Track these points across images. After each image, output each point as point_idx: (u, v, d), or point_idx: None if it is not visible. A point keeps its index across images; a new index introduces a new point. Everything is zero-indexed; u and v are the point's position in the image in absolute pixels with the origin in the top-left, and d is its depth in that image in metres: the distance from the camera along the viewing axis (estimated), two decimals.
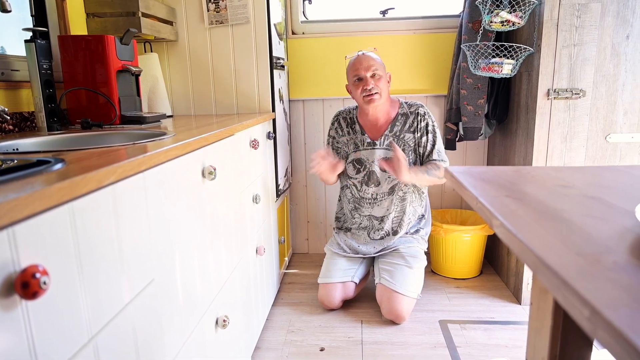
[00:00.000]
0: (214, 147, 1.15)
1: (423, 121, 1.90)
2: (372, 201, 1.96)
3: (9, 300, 0.45)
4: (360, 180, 1.96)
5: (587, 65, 1.71)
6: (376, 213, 1.98)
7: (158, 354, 0.81)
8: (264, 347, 1.72)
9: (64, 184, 0.54)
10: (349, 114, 2.01)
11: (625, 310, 0.34)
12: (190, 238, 0.98)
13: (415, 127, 1.90)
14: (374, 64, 1.83)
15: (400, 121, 1.91)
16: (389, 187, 1.93)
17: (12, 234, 0.46)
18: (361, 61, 1.84)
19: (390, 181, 1.92)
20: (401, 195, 1.94)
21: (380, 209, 1.96)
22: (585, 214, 0.60)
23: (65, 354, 0.55)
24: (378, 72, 1.83)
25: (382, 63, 1.89)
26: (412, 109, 1.92)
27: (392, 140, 1.91)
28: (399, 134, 1.91)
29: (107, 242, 0.64)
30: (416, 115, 1.91)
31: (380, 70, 1.84)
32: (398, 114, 1.92)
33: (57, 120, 1.36)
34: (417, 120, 1.90)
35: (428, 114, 1.91)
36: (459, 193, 0.80)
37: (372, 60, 1.84)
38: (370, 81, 1.82)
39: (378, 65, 1.84)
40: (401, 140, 1.92)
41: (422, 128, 1.90)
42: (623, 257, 0.45)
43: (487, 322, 1.85)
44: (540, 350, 0.81)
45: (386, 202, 1.95)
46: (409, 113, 1.91)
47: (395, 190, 1.93)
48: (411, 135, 1.91)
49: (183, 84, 2.05)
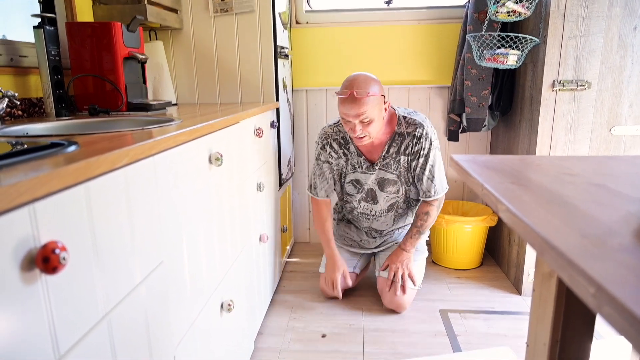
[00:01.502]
0: (220, 134, 1.16)
1: (418, 144, 1.74)
2: (370, 217, 1.95)
3: (30, 274, 0.47)
4: (359, 199, 1.92)
5: (593, 56, 1.71)
6: (375, 226, 1.98)
7: (167, 333, 0.83)
8: (267, 333, 1.74)
9: (79, 165, 0.55)
10: (340, 134, 1.84)
11: (630, 286, 0.35)
12: (197, 223, 0.99)
13: (410, 151, 1.76)
14: (364, 112, 1.60)
15: (397, 141, 1.76)
16: (388, 204, 1.89)
17: (32, 210, 0.47)
18: (351, 106, 1.60)
19: (389, 200, 1.88)
20: (400, 213, 1.94)
21: (379, 223, 1.96)
22: (590, 200, 0.61)
23: (82, 328, 0.56)
24: (369, 117, 1.62)
25: (378, 97, 1.63)
26: (409, 129, 1.74)
27: (389, 160, 1.79)
28: (394, 155, 1.78)
29: (120, 222, 0.66)
30: (412, 138, 1.74)
31: (372, 113, 1.62)
32: (395, 133, 1.76)
33: (65, 106, 1.36)
34: (412, 143, 1.75)
35: (425, 135, 1.73)
36: (464, 180, 0.82)
37: (362, 107, 1.59)
38: (359, 128, 1.64)
39: (370, 109, 1.60)
40: (396, 162, 1.79)
41: (415, 152, 1.76)
42: (628, 240, 0.46)
43: (487, 312, 1.87)
44: (541, 336, 0.82)
45: (384, 218, 1.94)
46: (406, 134, 1.75)
47: (394, 208, 1.91)
48: (406, 158, 1.78)
49: (187, 72, 2.05)
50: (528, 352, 0.88)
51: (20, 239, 0.46)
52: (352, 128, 1.66)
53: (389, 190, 1.85)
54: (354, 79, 1.64)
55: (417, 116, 1.78)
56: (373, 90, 1.62)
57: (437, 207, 1.84)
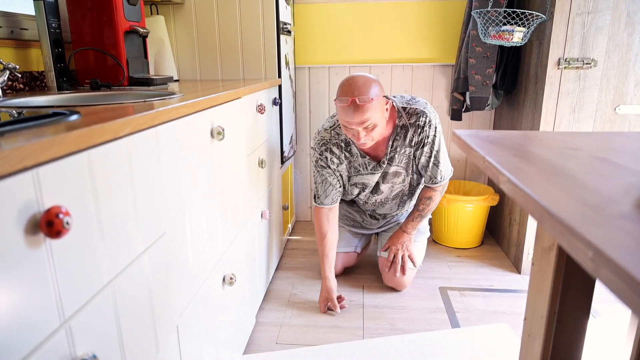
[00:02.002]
0: (222, 109, 1.15)
1: (422, 133, 1.67)
2: (375, 204, 1.92)
3: (35, 238, 0.47)
4: (365, 195, 1.87)
5: (600, 34, 1.68)
6: (379, 211, 1.98)
7: (170, 303, 0.84)
8: (268, 308, 1.77)
9: (82, 131, 0.55)
10: (339, 137, 1.72)
11: (628, 249, 0.35)
12: (200, 196, 0.99)
13: (416, 141, 1.69)
14: (367, 119, 1.50)
15: (400, 134, 1.68)
16: (393, 194, 1.86)
17: (36, 175, 0.48)
18: (353, 114, 1.49)
19: (394, 189, 1.84)
20: (405, 199, 1.92)
21: (384, 209, 1.95)
22: (592, 172, 0.61)
23: (87, 294, 0.57)
24: (373, 122, 1.52)
25: (379, 98, 1.52)
26: (412, 120, 1.66)
27: (393, 155, 1.71)
28: (399, 149, 1.71)
29: (123, 191, 0.66)
30: (416, 128, 1.66)
31: (375, 117, 1.52)
32: (396, 126, 1.68)
33: (67, 80, 1.36)
34: (416, 133, 1.67)
35: (429, 123, 1.66)
36: (466, 154, 0.81)
37: (364, 114, 1.49)
38: (362, 134, 1.55)
39: (372, 115, 1.50)
40: (401, 155, 1.72)
41: (420, 141, 1.69)
42: (628, 208, 0.46)
43: (487, 290, 1.90)
44: (539, 309, 0.83)
45: (388, 205, 1.92)
46: (409, 125, 1.67)
47: (399, 195, 1.88)
48: (411, 149, 1.71)
49: (189, 48, 2.03)
50: (525, 326, 0.89)
51: (24, 203, 0.46)
52: (354, 135, 1.56)
53: (394, 182, 1.81)
54: (353, 83, 1.51)
55: (417, 104, 1.68)
56: (375, 94, 1.50)
57: (440, 192, 1.81)
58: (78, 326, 0.56)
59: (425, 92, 2.43)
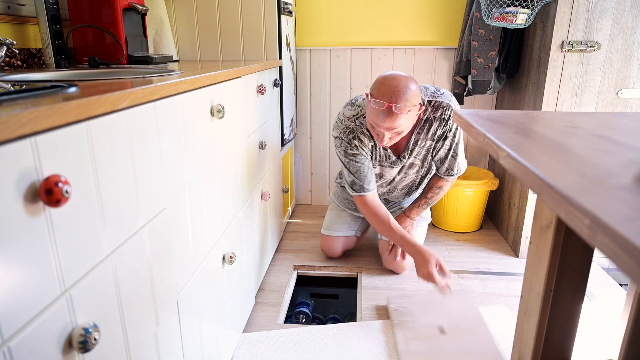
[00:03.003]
0: (222, 87, 1.15)
1: (446, 126, 1.64)
2: (386, 193, 1.92)
3: (34, 206, 0.48)
4: (378, 185, 1.86)
5: (604, 16, 1.66)
6: (388, 198, 1.98)
7: (170, 279, 0.85)
8: (267, 289, 1.78)
9: (80, 102, 0.55)
10: (363, 127, 1.67)
11: (624, 216, 0.35)
12: (200, 173, 0.99)
13: (439, 135, 1.66)
14: (398, 126, 1.47)
15: (424, 128, 1.65)
16: (403, 184, 1.86)
17: (34, 143, 0.48)
18: (385, 119, 1.45)
19: (406, 180, 1.84)
20: (412, 190, 1.91)
21: (392, 196, 1.95)
22: (592, 148, 0.61)
23: (87, 264, 0.58)
24: (402, 129, 1.50)
25: (415, 107, 1.47)
26: (437, 114, 1.63)
27: (413, 147, 1.69)
28: (420, 142, 1.68)
29: (122, 164, 0.66)
30: (440, 122, 1.64)
31: (406, 124, 1.48)
32: (420, 120, 1.64)
33: (65, 57, 1.35)
34: (440, 126, 1.65)
35: (452, 116, 1.63)
36: (466, 132, 0.81)
37: (398, 121, 1.45)
38: (387, 137, 1.51)
39: (404, 122, 1.47)
40: (420, 148, 1.70)
41: (442, 134, 1.67)
42: (627, 181, 0.46)
43: (485, 273, 1.91)
44: (535, 286, 0.84)
45: (398, 193, 1.92)
46: (433, 119, 1.64)
47: (409, 185, 1.88)
48: (432, 142, 1.69)
49: (189, 28, 2.01)
50: (522, 303, 0.90)
51: (23, 171, 0.46)
52: (379, 135, 1.52)
53: (408, 172, 1.80)
54: (393, 85, 1.43)
55: (443, 96, 1.63)
56: (412, 104, 1.45)
57: (451, 182, 1.81)
58: (78, 296, 0.56)
59: (427, 76, 2.41)
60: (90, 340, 0.55)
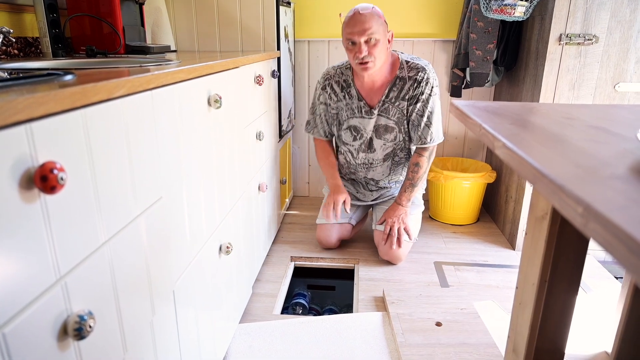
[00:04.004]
0: (220, 77, 1.14)
1: (418, 88, 1.73)
2: (368, 166, 1.95)
3: (29, 193, 0.48)
4: (357, 148, 1.91)
5: (602, 9, 1.66)
6: (371, 176, 1.99)
7: (166, 268, 0.85)
8: (264, 280, 1.79)
9: (76, 89, 0.54)
10: (342, 77, 1.83)
11: (617, 204, 0.35)
12: (197, 163, 0.99)
13: (410, 95, 1.75)
14: (369, 27, 1.60)
15: (398, 86, 1.75)
16: (384, 153, 1.90)
17: (29, 129, 0.47)
18: (355, 23, 1.61)
19: (386, 148, 1.88)
20: (397, 161, 1.94)
21: (376, 173, 1.97)
22: (587, 139, 0.61)
23: (83, 252, 0.58)
24: (374, 36, 1.61)
25: (382, 21, 1.65)
26: (411, 73, 1.73)
27: (388, 106, 1.78)
28: (394, 100, 1.77)
29: (118, 152, 0.66)
30: (413, 82, 1.73)
31: (378, 33, 1.62)
32: (396, 77, 1.75)
33: (62, 46, 1.34)
34: (412, 87, 1.74)
35: (426, 80, 1.72)
36: (463, 124, 0.81)
37: (367, 22, 1.60)
38: (364, 48, 1.62)
39: (375, 27, 1.61)
40: (396, 108, 1.78)
41: (414, 96, 1.75)
42: (621, 171, 0.46)
43: (481, 265, 1.92)
44: (530, 277, 0.85)
45: (380, 168, 1.94)
46: (407, 78, 1.73)
47: (391, 156, 1.91)
48: (405, 103, 1.77)
49: (187, 18, 2.00)
50: (517, 294, 0.91)
51: (18, 157, 0.46)
52: (357, 50, 1.64)
53: (387, 138, 1.85)
54: (360, 4, 1.69)
55: (420, 61, 1.77)
56: (378, 13, 1.65)
57: (427, 157, 1.83)
58: (74, 283, 0.56)
59: None
60: (86, 327, 0.55)
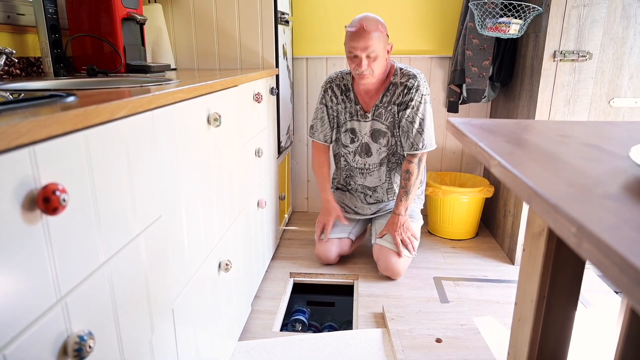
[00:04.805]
0: (219, 96, 1.16)
1: (408, 95, 1.80)
2: (364, 171, 1.98)
3: (32, 214, 0.48)
4: (353, 151, 1.96)
5: (595, 27, 1.69)
6: (368, 183, 2.01)
7: (165, 286, 0.85)
8: (264, 296, 1.78)
9: (78, 111, 0.55)
10: (343, 81, 1.92)
11: (609, 224, 0.36)
12: (196, 181, 1.00)
13: (400, 101, 1.82)
14: (371, 45, 1.69)
15: (391, 91, 1.83)
16: (379, 158, 1.94)
17: (32, 152, 0.48)
18: (359, 39, 1.69)
19: (381, 153, 1.92)
20: (390, 167, 1.96)
21: (372, 179, 1.99)
22: (581, 157, 0.62)
23: (83, 272, 0.58)
24: (375, 52, 1.70)
25: (384, 36, 1.73)
26: (402, 79, 1.81)
27: (381, 110, 1.85)
28: (387, 105, 1.84)
29: (119, 173, 0.67)
30: (403, 88, 1.81)
31: (378, 48, 1.70)
32: (390, 82, 1.83)
33: (63, 66, 1.36)
34: (402, 92, 1.81)
35: (416, 87, 1.79)
36: (459, 141, 0.82)
37: (370, 40, 1.68)
38: (365, 63, 1.71)
39: (376, 43, 1.70)
40: (388, 112, 1.85)
41: (404, 102, 1.82)
42: (614, 189, 0.47)
43: (480, 280, 1.91)
44: (529, 293, 0.85)
45: (377, 173, 1.97)
46: (399, 84, 1.82)
47: (385, 162, 1.94)
48: (396, 107, 1.84)
49: (187, 37, 2.03)
50: (516, 310, 0.91)
51: (21, 179, 0.47)
52: (358, 63, 1.72)
53: (381, 142, 1.90)
54: (365, 16, 1.74)
55: (413, 70, 1.84)
56: (381, 29, 1.72)
57: (416, 164, 1.86)
58: (74, 303, 0.57)
59: None
60: (85, 348, 0.55)
